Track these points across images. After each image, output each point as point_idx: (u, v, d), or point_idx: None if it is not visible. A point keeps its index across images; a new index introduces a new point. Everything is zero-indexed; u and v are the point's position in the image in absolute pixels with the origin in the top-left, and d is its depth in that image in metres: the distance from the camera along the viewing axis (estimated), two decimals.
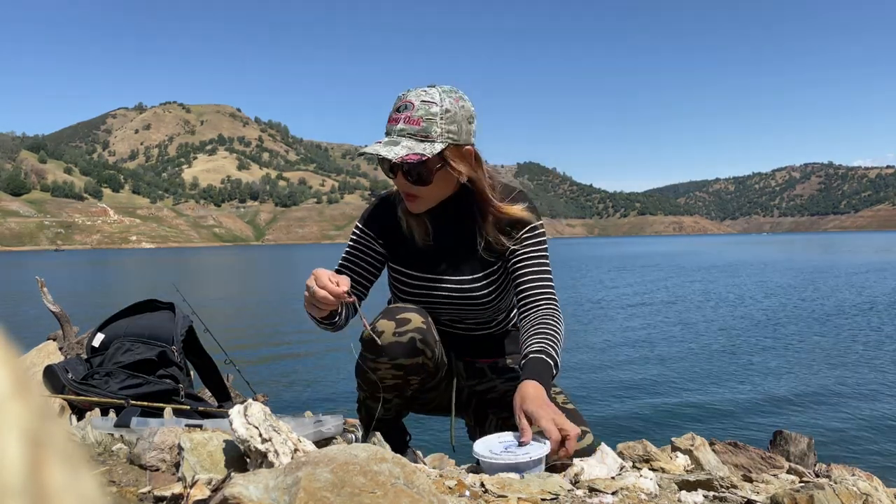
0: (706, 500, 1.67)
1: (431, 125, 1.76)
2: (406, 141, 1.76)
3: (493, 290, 2.01)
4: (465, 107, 1.82)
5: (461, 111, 1.80)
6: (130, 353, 2.56)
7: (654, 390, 8.31)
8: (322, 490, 1.03)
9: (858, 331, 12.81)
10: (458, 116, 1.79)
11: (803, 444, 2.94)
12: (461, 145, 1.81)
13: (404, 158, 1.74)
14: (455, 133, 1.79)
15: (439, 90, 1.80)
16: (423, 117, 1.76)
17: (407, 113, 1.77)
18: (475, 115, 1.86)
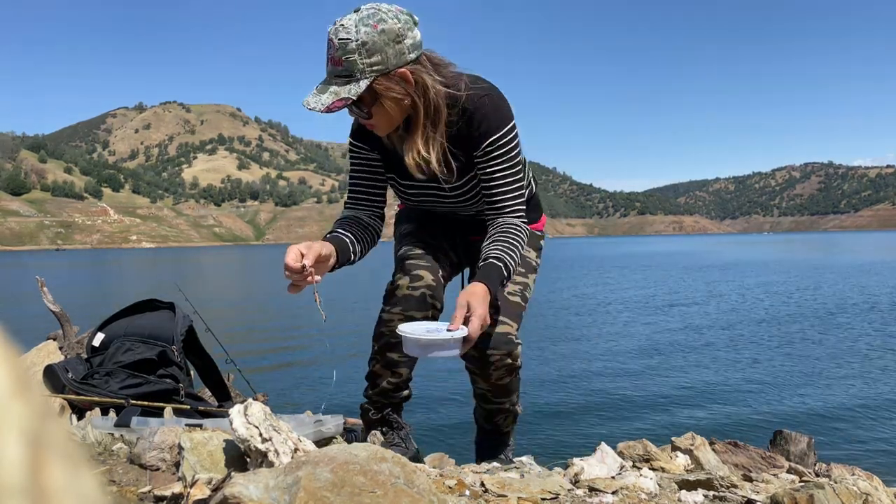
0: (706, 499, 1.67)
1: (352, 64, 1.72)
2: (333, 85, 1.74)
3: (478, 190, 2.02)
4: (386, 30, 1.72)
5: (381, 37, 1.71)
6: (131, 353, 2.56)
7: (655, 389, 8.31)
8: (322, 490, 1.03)
9: (859, 330, 12.81)
10: (377, 45, 1.71)
11: (803, 444, 2.94)
12: (391, 72, 1.75)
13: (330, 108, 1.72)
14: (380, 63, 1.72)
15: (356, 19, 1.72)
16: (343, 57, 1.71)
17: (331, 53, 1.74)
18: (406, 30, 1.75)
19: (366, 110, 1.80)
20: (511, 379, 2.14)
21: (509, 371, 2.09)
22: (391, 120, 1.84)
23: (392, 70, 1.74)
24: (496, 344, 2.00)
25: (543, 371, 9.60)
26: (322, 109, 1.72)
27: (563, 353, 11.10)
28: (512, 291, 2.09)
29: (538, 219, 2.34)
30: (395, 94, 1.77)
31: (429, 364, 9.44)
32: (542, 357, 10.78)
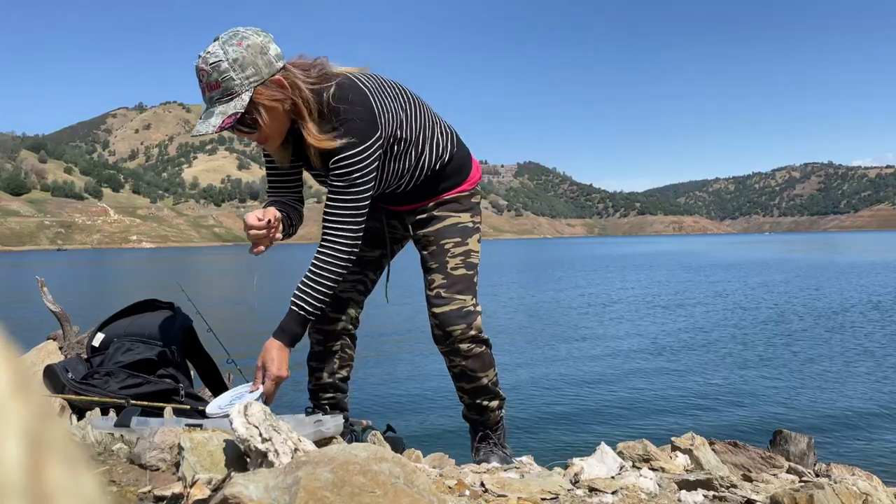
0: (706, 499, 1.67)
1: (229, 82, 1.80)
2: (217, 107, 1.83)
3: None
4: (251, 45, 1.83)
5: (249, 51, 1.82)
6: (130, 353, 2.56)
7: (654, 389, 8.32)
8: (322, 489, 1.03)
9: (860, 331, 12.81)
10: (248, 59, 1.81)
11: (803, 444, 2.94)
12: (266, 81, 1.84)
13: (223, 126, 1.82)
14: (254, 74, 1.82)
15: (220, 43, 1.82)
16: (219, 78, 1.80)
17: (205, 81, 1.83)
18: (268, 42, 1.86)
19: (250, 122, 1.88)
20: (482, 350, 2.22)
21: (475, 341, 2.18)
22: (278, 127, 1.93)
23: (267, 79, 1.84)
24: (453, 320, 2.14)
25: (544, 371, 9.60)
26: (214, 130, 1.83)
27: (563, 354, 11.10)
28: (454, 265, 2.17)
29: (463, 180, 2.27)
30: (275, 101, 1.86)
31: (427, 365, 9.45)
32: (543, 357, 10.78)
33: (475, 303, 2.20)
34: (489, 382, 2.29)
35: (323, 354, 2.37)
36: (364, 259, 2.33)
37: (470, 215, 2.26)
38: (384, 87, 2.03)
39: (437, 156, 2.19)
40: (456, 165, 2.25)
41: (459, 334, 2.14)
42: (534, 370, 9.68)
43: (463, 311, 2.15)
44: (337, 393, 2.41)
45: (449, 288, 2.16)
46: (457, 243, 2.20)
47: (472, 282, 2.20)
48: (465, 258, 2.19)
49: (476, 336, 2.18)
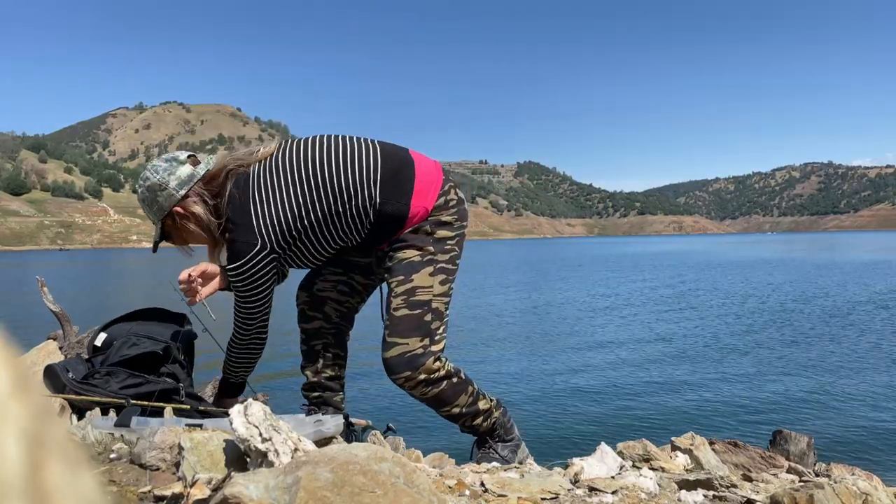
0: (706, 499, 1.67)
1: (148, 213, 2.22)
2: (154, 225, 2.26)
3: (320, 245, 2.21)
4: (150, 185, 2.16)
5: (148, 193, 2.17)
6: (136, 347, 2.57)
7: (654, 389, 8.31)
8: (322, 489, 1.03)
9: (860, 330, 12.81)
10: (150, 198, 2.17)
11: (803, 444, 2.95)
12: (169, 212, 2.16)
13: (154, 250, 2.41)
14: (159, 208, 2.16)
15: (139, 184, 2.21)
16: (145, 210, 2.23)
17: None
18: (167, 176, 2.14)
19: (175, 241, 2.26)
20: (439, 390, 2.13)
21: (428, 384, 2.11)
22: (194, 239, 2.24)
23: (169, 210, 2.15)
24: (396, 366, 2.08)
25: (544, 371, 9.60)
26: (154, 252, 2.42)
27: (563, 353, 11.10)
28: (395, 306, 2.09)
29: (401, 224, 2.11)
30: (182, 225, 2.18)
31: None
32: (543, 357, 10.78)
33: (425, 344, 2.08)
34: (463, 409, 2.21)
35: (307, 353, 2.43)
36: (352, 262, 2.35)
37: (416, 250, 2.10)
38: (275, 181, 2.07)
39: (360, 217, 2.10)
40: (397, 184, 2.10)
41: (404, 381, 2.07)
42: (534, 370, 9.68)
43: (406, 357, 2.06)
44: (325, 392, 2.42)
45: (391, 331, 2.08)
46: (399, 282, 2.09)
47: (419, 321, 2.07)
48: (408, 297, 2.07)
49: (426, 379, 2.09)
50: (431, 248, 2.12)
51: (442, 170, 2.21)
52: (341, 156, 2.09)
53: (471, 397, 2.23)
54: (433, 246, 2.12)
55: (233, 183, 2.10)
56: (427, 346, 2.09)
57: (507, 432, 2.36)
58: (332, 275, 2.35)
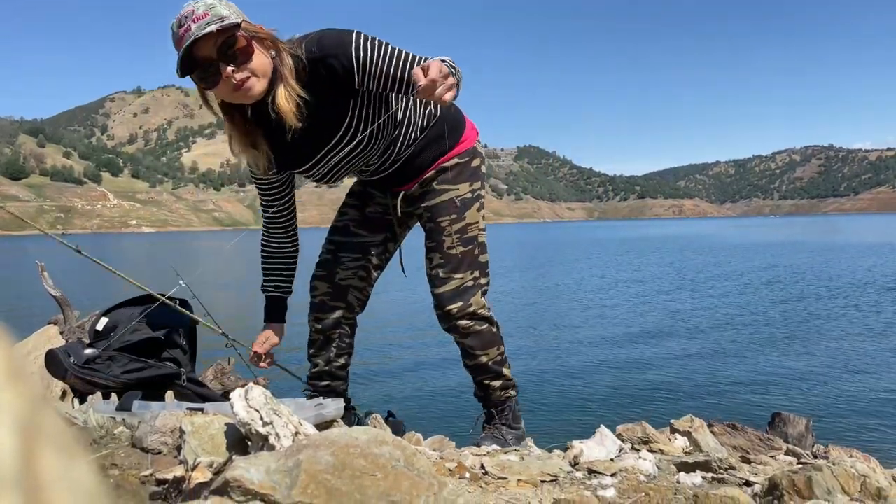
0: (704, 481, 1.68)
1: (219, 10, 1.69)
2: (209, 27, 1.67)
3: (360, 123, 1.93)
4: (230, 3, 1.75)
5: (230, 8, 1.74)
6: (138, 333, 2.57)
7: (653, 372, 8.35)
8: (323, 472, 1.04)
9: (858, 313, 12.84)
10: (232, 9, 1.74)
11: (801, 426, 2.96)
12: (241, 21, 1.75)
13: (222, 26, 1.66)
14: (240, 14, 1.74)
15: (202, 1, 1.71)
16: (207, 9, 1.68)
17: (191, 18, 1.68)
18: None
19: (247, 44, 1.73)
20: (483, 329, 2.20)
21: (474, 318, 2.17)
22: (265, 65, 1.77)
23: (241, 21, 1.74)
24: (451, 299, 2.13)
25: (543, 354, 9.63)
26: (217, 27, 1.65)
27: (562, 337, 11.14)
28: (450, 244, 2.12)
29: (457, 140, 2.14)
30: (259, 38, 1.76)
31: (428, 349, 9.48)
32: (543, 340, 10.82)
33: (475, 277, 2.16)
34: (490, 361, 2.26)
35: (321, 343, 2.36)
36: (365, 244, 2.29)
37: (469, 185, 2.15)
38: None
39: (420, 112, 2.06)
40: (450, 123, 2.12)
41: (456, 312, 2.13)
42: (533, 353, 9.71)
43: (460, 289, 2.13)
44: (334, 381, 2.40)
45: (445, 267, 2.13)
46: (453, 220, 2.13)
47: (472, 257, 2.15)
48: (462, 234, 2.13)
49: (475, 313, 2.16)
50: (479, 183, 2.18)
51: None
52: None
53: (500, 355, 2.30)
54: (480, 181, 2.18)
55: None
56: (477, 278, 2.16)
57: (514, 420, 2.38)
58: (350, 261, 2.29)
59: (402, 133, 2.04)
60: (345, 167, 2.04)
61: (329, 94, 1.87)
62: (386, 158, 2.08)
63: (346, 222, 2.32)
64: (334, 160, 2.01)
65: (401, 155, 2.09)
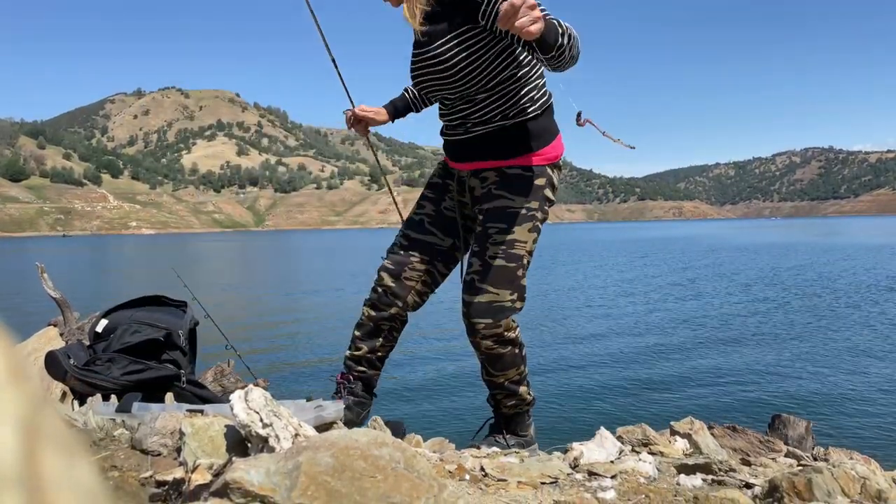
0: (705, 483, 1.68)
1: None
2: None
3: (462, 51, 1.96)
4: None
5: None
6: (138, 335, 2.57)
7: (653, 374, 8.35)
8: (323, 474, 1.04)
9: (858, 315, 12.84)
10: None
11: (801, 428, 2.96)
12: None
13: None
14: None
15: None
16: None
17: None
18: None
19: None
20: (505, 352, 2.14)
21: (500, 341, 2.09)
22: None
23: None
24: (481, 313, 2.03)
25: (543, 355, 9.63)
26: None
27: (562, 338, 11.13)
28: (493, 254, 2.04)
29: (536, 147, 2.08)
30: None
31: (431, 351, 9.48)
32: (543, 342, 10.81)
33: (513, 299, 2.06)
34: (506, 381, 2.21)
35: (370, 330, 2.28)
36: (434, 248, 2.25)
37: (525, 200, 2.06)
38: None
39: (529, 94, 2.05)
40: (539, 125, 2.08)
41: (483, 328, 2.05)
42: (533, 354, 9.72)
43: (494, 306, 2.04)
44: (370, 369, 2.34)
45: (483, 278, 2.04)
46: (500, 230, 2.05)
47: (513, 275, 2.05)
48: (508, 248, 2.04)
49: (501, 335, 2.08)
50: (537, 204, 2.09)
51: None
52: None
53: (518, 375, 2.25)
54: (539, 202, 2.09)
55: None
56: (514, 300, 2.07)
57: (521, 428, 2.38)
58: (419, 263, 2.23)
59: (496, 94, 2.03)
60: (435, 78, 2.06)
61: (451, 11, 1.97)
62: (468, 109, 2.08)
63: (421, 217, 2.28)
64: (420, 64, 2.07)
65: (483, 117, 2.07)
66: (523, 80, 2.03)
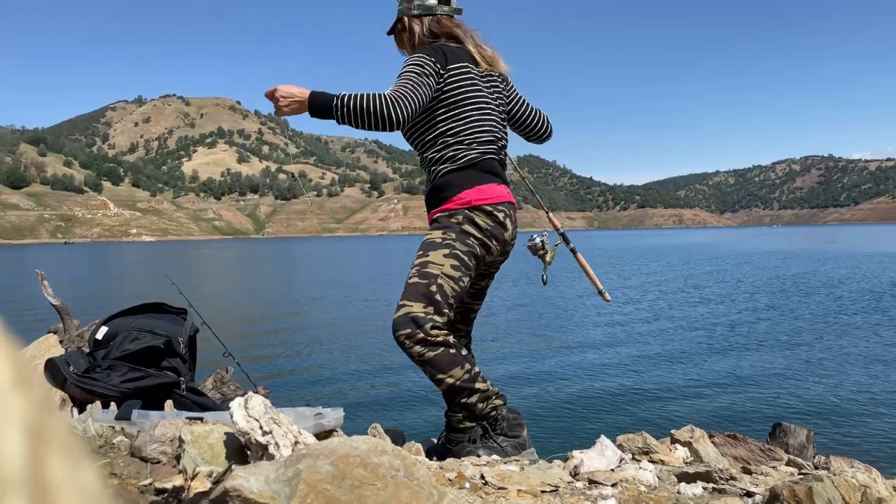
0: (705, 492, 1.67)
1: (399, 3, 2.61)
2: None
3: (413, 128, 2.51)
4: None
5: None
6: (137, 342, 2.57)
7: (654, 382, 8.33)
8: (323, 482, 1.04)
9: (860, 322, 12.82)
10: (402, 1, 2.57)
11: (802, 437, 2.95)
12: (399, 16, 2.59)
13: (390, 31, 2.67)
14: (401, 10, 2.57)
15: None
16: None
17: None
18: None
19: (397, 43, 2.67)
20: (435, 354, 2.24)
21: (426, 344, 2.21)
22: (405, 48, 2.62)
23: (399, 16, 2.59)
24: (399, 325, 2.22)
25: (543, 363, 9.61)
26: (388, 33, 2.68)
27: (562, 346, 11.12)
28: (410, 275, 2.31)
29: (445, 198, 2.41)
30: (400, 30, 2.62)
31: None
32: (543, 349, 10.80)
33: (428, 311, 2.23)
34: (457, 382, 2.26)
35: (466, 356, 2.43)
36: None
37: (442, 232, 2.36)
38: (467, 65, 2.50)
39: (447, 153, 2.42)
40: (445, 181, 2.42)
41: (404, 339, 2.21)
42: (534, 362, 9.70)
43: (409, 316, 2.21)
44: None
45: (402, 296, 2.28)
46: (419, 255, 2.34)
47: (425, 290, 2.25)
48: (421, 268, 2.29)
49: (424, 339, 2.21)
50: (454, 234, 2.35)
51: (511, 201, 2.49)
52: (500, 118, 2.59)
53: (467, 374, 2.28)
54: (455, 234, 2.36)
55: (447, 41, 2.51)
56: (429, 312, 2.23)
57: (511, 428, 2.37)
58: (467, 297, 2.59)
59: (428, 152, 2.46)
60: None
61: None
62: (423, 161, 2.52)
63: None
64: None
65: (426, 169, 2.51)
66: (440, 141, 2.43)
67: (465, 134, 2.42)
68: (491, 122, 2.47)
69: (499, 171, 2.48)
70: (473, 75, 2.47)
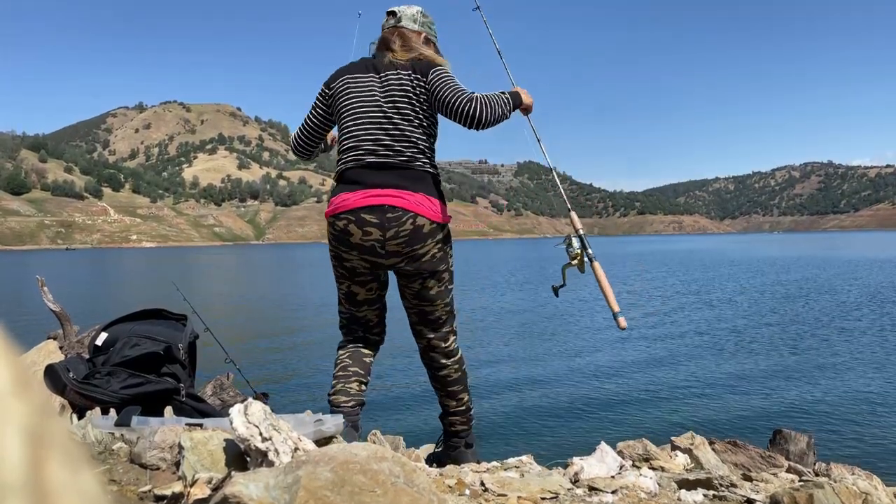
0: (706, 498, 1.67)
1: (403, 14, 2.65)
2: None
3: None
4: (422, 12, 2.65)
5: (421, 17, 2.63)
6: (137, 348, 2.56)
7: (654, 389, 8.31)
8: (322, 489, 1.03)
9: (860, 330, 12.81)
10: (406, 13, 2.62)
11: (803, 443, 2.95)
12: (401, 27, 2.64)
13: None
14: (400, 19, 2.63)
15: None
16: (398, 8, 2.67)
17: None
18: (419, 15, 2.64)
19: None
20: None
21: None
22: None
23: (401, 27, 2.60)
24: None
25: (544, 370, 9.60)
26: None
27: (563, 353, 11.10)
28: None
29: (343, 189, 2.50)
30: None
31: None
32: (543, 356, 10.78)
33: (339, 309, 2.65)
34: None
35: None
36: None
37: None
38: None
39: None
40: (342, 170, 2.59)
41: None
42: (534, 370, 9.68)
43: None
44: None
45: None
46: None
47: None
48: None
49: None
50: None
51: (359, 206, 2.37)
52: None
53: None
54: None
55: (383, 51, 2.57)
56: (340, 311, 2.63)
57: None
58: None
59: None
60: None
61: None
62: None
63: None
64: None
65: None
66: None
67: (342, 146, 2.47)
68: (361, 126, 2.41)
69: (357, 177, 2.39)
70: (351, 85, 2.45)
